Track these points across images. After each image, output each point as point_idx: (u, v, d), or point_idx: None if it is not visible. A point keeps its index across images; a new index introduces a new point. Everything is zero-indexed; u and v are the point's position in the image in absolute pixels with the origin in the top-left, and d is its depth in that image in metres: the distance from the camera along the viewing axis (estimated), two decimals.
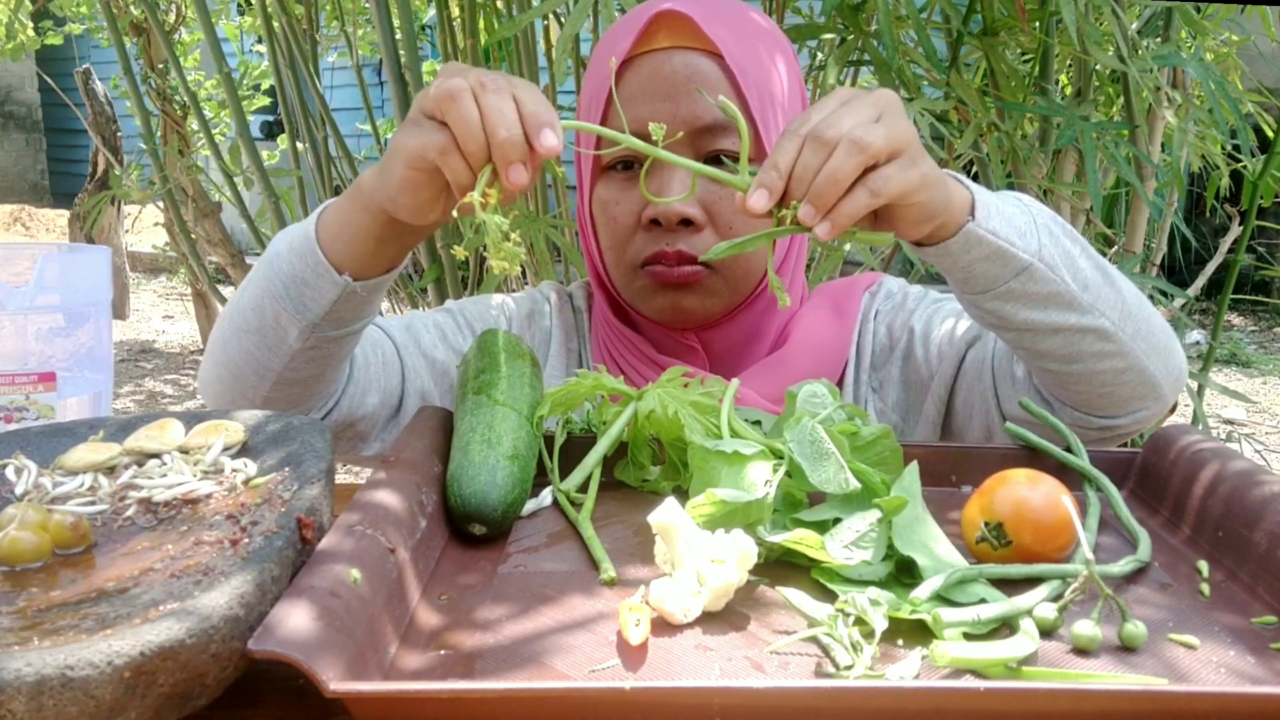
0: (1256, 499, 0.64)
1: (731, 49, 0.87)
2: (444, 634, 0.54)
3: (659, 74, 0.87)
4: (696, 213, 0.87)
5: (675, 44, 0.87)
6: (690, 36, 0.87)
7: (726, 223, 0.88)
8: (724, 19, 0.89)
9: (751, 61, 0.88)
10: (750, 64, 0.88)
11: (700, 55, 0.87)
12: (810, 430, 0.65)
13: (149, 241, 7.33)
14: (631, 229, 0.90)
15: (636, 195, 0.89)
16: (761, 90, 0.88)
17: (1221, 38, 1.95)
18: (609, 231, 0.92)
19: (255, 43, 3.58)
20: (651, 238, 0.89)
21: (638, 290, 0.93)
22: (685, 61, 0.87)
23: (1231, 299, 1.84)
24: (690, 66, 0.86)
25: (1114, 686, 0.47)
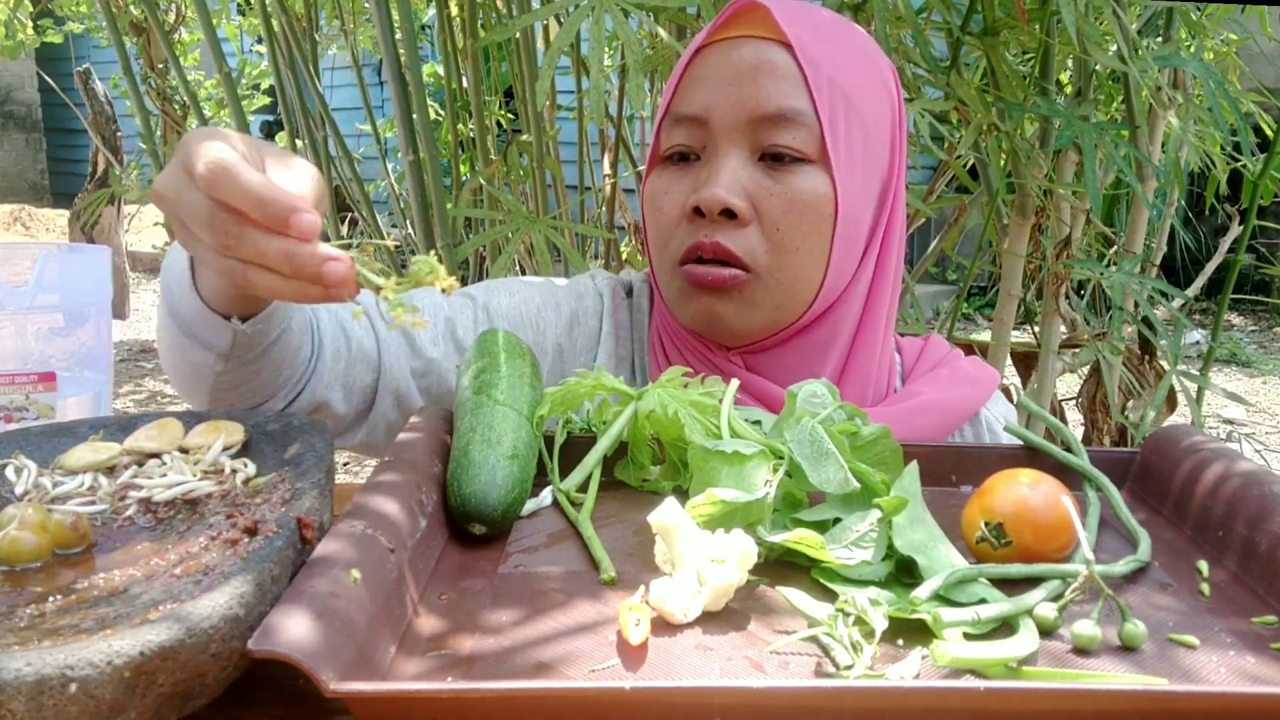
0: (1257, 499, 0.64)
1: (806, 42, 0.83)
2: (444, 634, 0.54)
3: (728, 60, 0.84)
4: (742, 205, 0.82)
5: (750, 33, 0.84)
6: (766, 27, 0.84)
7: (774, 223, 0.83)
8: (807, 17, 0.86)
9: (827, 58, 0.84)
10: (825, 60, 0.83)
11: (773, 45, 0.83)
12: (810, 430, 0.65)
13: (149, 241, 7.33)
14: (676, 220, 0.86)
15: (686, 185, 0.85)
16: (833, 87, 0.83)
17: (1221, 37, 1.95)
18: (655, 224, 0.88)
19: (255, 42, 3.59)
20: (693, 229, 0.84)
21: (676, 293, 0.88)
22: (756, 49, 0.83)
23: (1231, 299, 1.84)
24: (760, 54, 0.83)
25: (1114, 686, 0.47)
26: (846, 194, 0.84)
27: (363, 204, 2.32)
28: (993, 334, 1.82)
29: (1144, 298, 1.68)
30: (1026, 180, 1.64)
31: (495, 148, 2.06)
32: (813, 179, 0.83)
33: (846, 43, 0.86)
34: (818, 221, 0.83)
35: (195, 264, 0.73)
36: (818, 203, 0.83)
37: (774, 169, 0.83)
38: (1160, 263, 2.11)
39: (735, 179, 0.82)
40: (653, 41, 1.59)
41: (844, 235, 0.85)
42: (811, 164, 0.83)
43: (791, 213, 0.83)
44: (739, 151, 0.83)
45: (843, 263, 0.86)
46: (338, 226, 2.25)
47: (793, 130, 0.82)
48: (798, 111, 0.82)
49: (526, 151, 1.89)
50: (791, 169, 0.83)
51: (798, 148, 0.82)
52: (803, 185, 0.83)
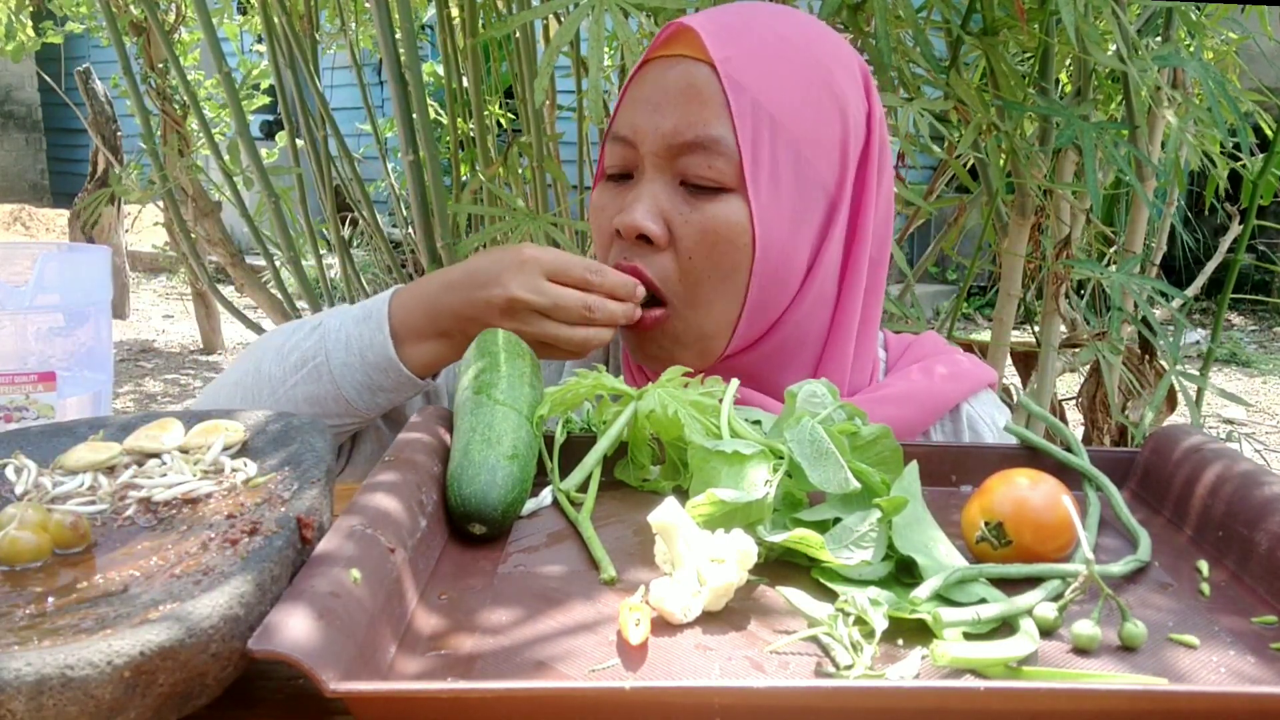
0: (1258, 499, 0.64)
1: (735, 65, 0.81)
2: (444, 634, 0.54)
3: (659, 82, 0.83)
4: (657, 230, 0.82)
5: (684, 53, 0.83)
6: (698, 47, 0.82)
7: (687, 251, 0.82)
8: (744, 36, 0.83)
9: (756, 80, 0.81)
10: (753, 83, 0.81)
11: (702, 67, 0.81)
12: (810, 430, 0.65)
13: (149, 241, 7.34)
14: (610, 237, 0.87)
15: (616, 205, 0.85)
16: (758, 112, 0.81)
17: (1221, 37, 1.95)
18: (595, 237, 0.90)
19: (255, 42, 3.58)
20: (618, 249, 0.85)
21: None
22: (684, 71, 0.82)
23: (1231, 298, 1.84)
24: (687, 77, 0.81)
25: (1114, 686, 0.47)
26: (767, 223, 0.82)
27: (363, 204, 2.32)
28: (993, 334, 1.82)
29: (1144, 298, 1.68)
30: (1026, 180, 1.64)
31: (495, 148, 2.06)
32: (729, 208, 0.81)
33: (788, 58, 0.83)
34: (731, 251, 0.82)
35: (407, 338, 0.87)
36: (732, 233, 0.82)
37: (693, 196, 0.82)
38: (1160, 262, 2.11)
39: (654, 204, 0.82)
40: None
41: (767, 264, 0.83)
42: (730, 192, 0.82)
43: (704, 242, 0.82)
44: (662, 176, 0.83)
45: (768, 291, 0.84)
46: (338, 227, 2.24)
47: (710, 159, 0.81)
48: (715, 140, 0.80)
49: (526, 153, 1.89)
50: (709, 197, 0.82)
51: (714, 177, 0.81)
52: (718, 214, 0.81)
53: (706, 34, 0.81)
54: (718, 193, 0.82)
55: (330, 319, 0.89)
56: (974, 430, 0.95)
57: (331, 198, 2.20)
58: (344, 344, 0.87)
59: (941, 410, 0.92)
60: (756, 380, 0.88)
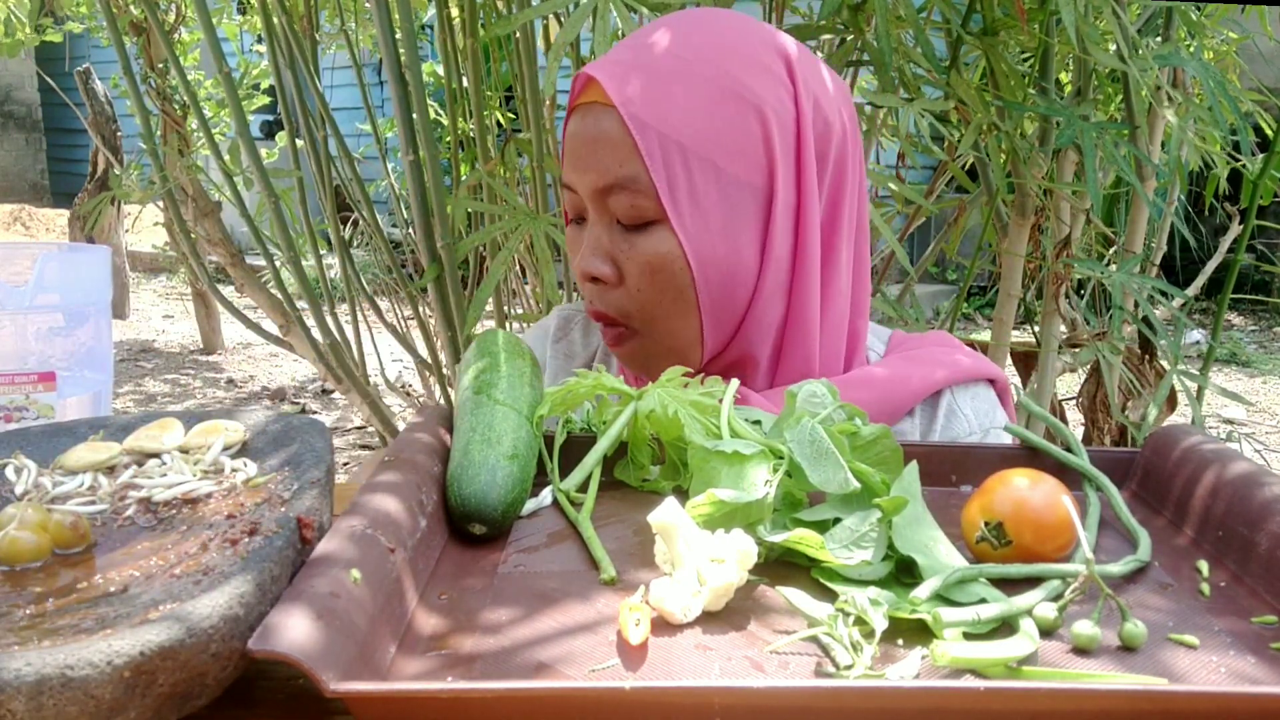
0: (1258, 500, 0.64)
1: (635, 105, 0.82)
2: (444, 634, 0.54)
3: (578, 131, 0.86)
4: (606, 270, 0.86)
5: (593, 100, 0.85)
6: (603, 94, 0.84)
7: (636, 285, 0.86)
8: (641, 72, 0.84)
9: (657, 115, 0.82)
10: (655, 118, 0.82)
11: (609, 112, 0.83)
12: (810, 430, 0.65)
13: (149, 241, 7.34)
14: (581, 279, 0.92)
15: (577, 247, 0.90)
16: (665, 144, 0.82)
17: (1221, 37, 1.95)
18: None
19: (255, 42, 3.58)
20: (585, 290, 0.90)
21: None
22: (594, 120, 0.85)
23: (1231, 298, 1.84)
24: (597, 125, 0.84)
25: (1114, 686, 0.47)
26: (697, 242, 0.84)
27: (363, 204, 2.32)
28: (993, 334, 1.82)
29: (1144, 297, 1.68)
30: (1026, 180, 1.64)
31: (495, 147, 2.06)
32: (658, 239, 0.85)
33: (686, 83, 0.83)
34: (670, 277, 0.85)
35: None
36: (666, 260, 0.85)
37: (629, 233, 0.86)
38: (1160, 262, 2.11)
39: (599, 245, 0.86)
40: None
41: (711, 280, 0.85)
42: (657, 223, 0.85)
43: (646, 273, 0.86)
44: (601, 218, 0.87)
45: (721, 301, 0.87)
46: (338, 227, 2.24)
47: (632, 197, 0.84)
48: (631, 179, 0.83)
49: (526, 151, 1.89)
50: (642, 232, 0.85)
51: (639, 214, 0.84)
52: (650, 247, 0.85)
53: (605, 79, 0.84)
54: (647, 226, 0.85)
55: None
56: (948, 421, 0.94)
57: (331, 198, 2.19)
58: None
59: (915, 396, 0.93)
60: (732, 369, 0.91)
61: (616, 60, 0.86)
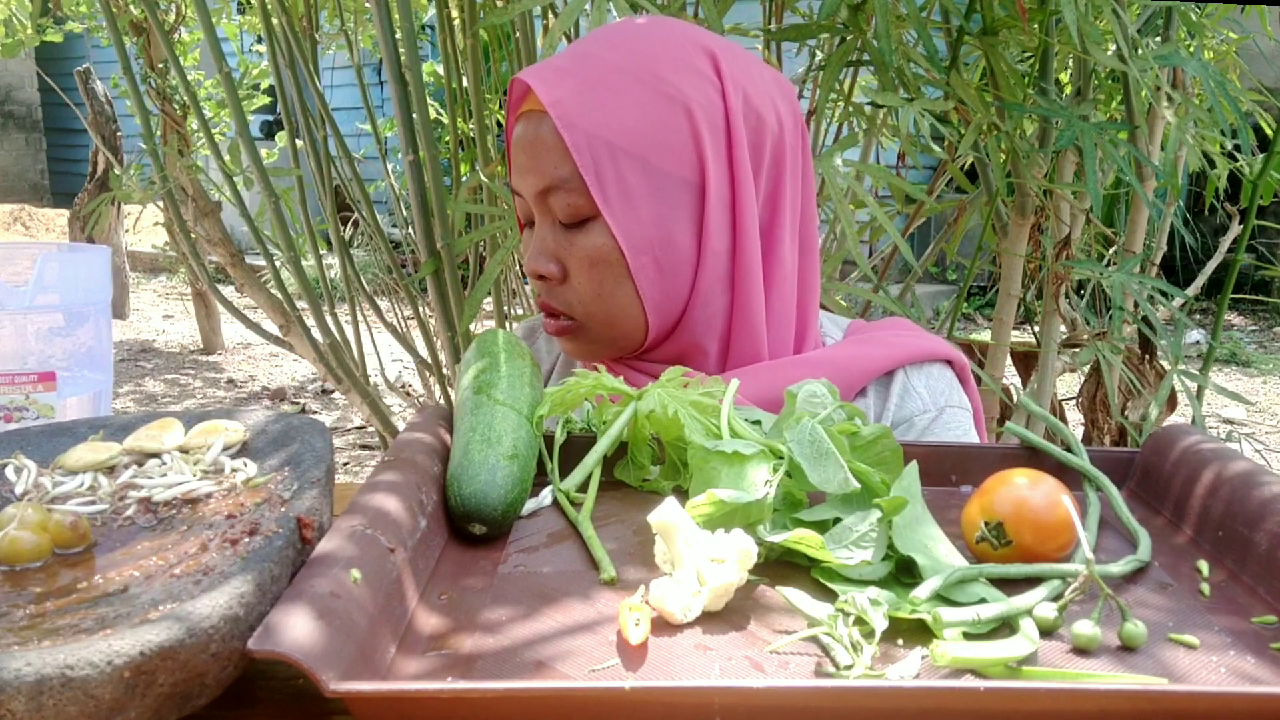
0: (1258, 499, 0.64)
1: (565, 107, 0.85)
2: (444, 634, 0.54)
3: (518, 141, 0.90)
4: (551, 268, 0.90)
5: (530, 108, 0.89)
6: (535, 99, 0.88)
7: (578, 279, 0.90)
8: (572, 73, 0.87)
9: (585, 115, 0.86)
10: (583, 117, 0.85)
11: (542, 117, 0.87)
12: (810, 430, 0.65)
13: (149, 241, 7.34)
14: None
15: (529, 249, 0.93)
16: (594, 142, 0.85)
17: (1221, 37, 1.95)
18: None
19: (255, 42, 3.58)
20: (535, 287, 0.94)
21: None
22: (529, 125, 0.89)
23: (1231, 298, 1.84)
24: (533, 130, 0.88)
25: (1114, 686, 0.47)
26: (630, 235, 0.88)
27: (363, 204, 2.32)
28: (993, 334, 1.82)
29: (1144, 297, 1.68)
30: (1026, 180, 1.64)
31: (496, 147, 2.06)
32: (594, 234, 0.88)
33: (617, 84, 0.87)
34: (610, 269, 0.89)
35: None
36: (603, 253, 0.88)
37: (568, 231, 0.90)
38: (1160, 262, 2.10)
39: (545, 245, 0.91)
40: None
41: (646, 269, 0.89)
42: (593, 219, 0.89)
43: (586, 268, 0.89)
44: (545, 219, 0.91)
45: (660, 289, 0.90)
46: (338, 227, 2.24)
47: (566, 196, 0.87)
48: (564, 179, 0.87)
49: None
50: (580, 229, 0.89)
51: (574, 211, 0.88)
52: (587, 242, 0.89)
53: (537, 84, 0.87)
54: (584, 223, 0.89)
55: None
56: (902, 400, 0.95)
57: (331, 198, 2.19)
58: None
59: (867, 375, 0.94)
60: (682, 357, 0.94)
61: (551, 67, 0.89)
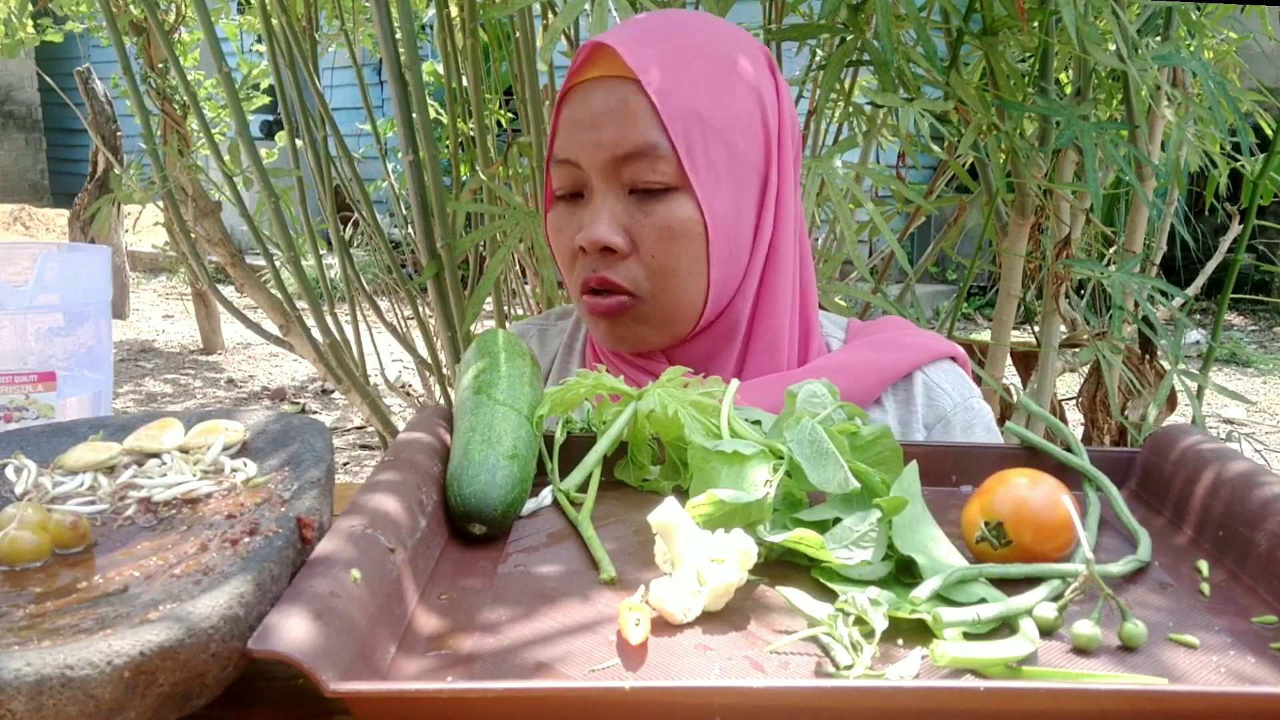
0: (1258, 499, 0.64)
1: (654, 75, 0.85)
2: (444, 634, 0.54)
3: (587, 104, 0.88)
4: (619, 240, 0.87)
5: (605, 74, 0.87)
6: (617, 65, 0.87)
7: (649, 251, 0.88)
8: (657, 46, 0.87)
9: (677, 86, 0.86)
10: (675, 88, 0.86)
11: (626, 83, 0.86)
12: (810, 430, 0.65)
13: (149, 241, 7.34)
14: (572, 254, 0.92)
15: (574, 224, 0.90)
16: (687, 114, 0.86)
17: (1221, 36, 1.95)
18: (558, 256, 0.95)
19: (255, 42, 3.58)
20: (584, 263, 0.90)
21: (584, 316, 0.94)
22: (609, 90, 0.87)
23: (1231, 298, 1.84)
24: (614, 95, 0.87)
25: (1114, 686, 0.47)
26: (714, 211, 0.88)
27: (363, 204, 2.32)
28: (993, 334, 1.82)
29: (1144, 297, 1.68)
30: (1026, 180, 1.64)
31: (496, 147, 2.06)
32: (679, 206, 0.87)
33: (700, 61, 0.88)
34: (689, 243, 0.88)
35: None
36: (686, 226, 0.87)
37: (643, 201, 0.88)
38: (1160, 262, 2.10)
39: (611, 216, 0.88)
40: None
41: (721, 247, 0.89)
42: (676, 191, 0.87)
43: (663, 240, 0.87)
44: (611, 189, 0.88)
45: (726, 269, 0.90)
46: (338, 227, 2.24)
47: (652, 164, 0.86)
48: (653, 146, 0.86)
49: (526, 153, 1.89)
50: (659, 199, 0.87)
51: (659, 180, 0.86)
52: (670, 213, 0.87)
53: (624, 51, 0.86)
54: (665, 193, 0.87)
55: None
56: (930, 397, 0.96)
57: (331, 198, 2.19)
58: None
59: (885, 380, 0.95)
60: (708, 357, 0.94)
61: (630, 36, 0.88)
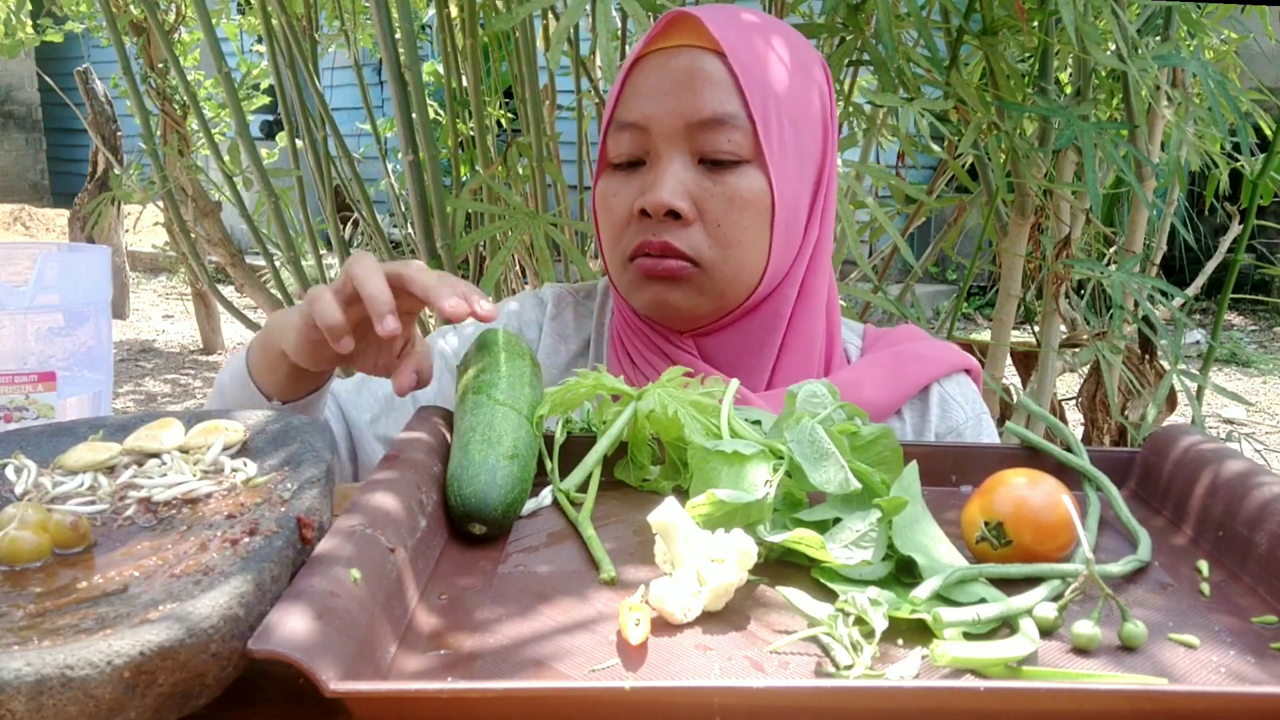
0: (1257, 499, 0.64)
1: (737, 48, 0.87)
2: (444, 634, 0.54)
3: (665, 69, 0.88)
4: (685, 206, 0.87)
5: (684, 42, 0.89)
6: (699, 36, 0.88)
7: (715, 220, 0.88)
8: (738, 23, 0.90)
9: (757, 62, 0.88)
10: (755, 64, 0.88)
11: (707, 53, 0.87)
12: (810, 430, 0.65)
13: (149, 241, 7.34)
14: (625, 220, 0.91)
15: (633, 189, 0.90)
16: (765, 90, 0.87)
17: (1221, 36, 1.95)
18: (607, 223, 0.93)
19: (255, 42, 3.58)
20: (642, 229, 0.89)
21: (628, 283, 0.93)
22: (690, 58, 0.88)
23: (1231, 298, 1.84)
24: (695, 63, 0.87)
25: (1114, 686, 0.47)
26: (782, 188, 0.89)
27: (363, 204, 2.32)
28: (993, 334, 1.82)
29: (1144, 297, 1.68)
30: (1026, 180, 1.64)
31: (495, 147, 2.06)
32: (750, 178, 0.88)
33: (776, 45, 0.90)
34: (756, 216, 0.88)
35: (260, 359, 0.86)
36: (756, 199, 0.88)
37: (713, 171, 0.88)
38: (1160, 262, 2.10)
39: (678, 182, 0.87)
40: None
41: (783, 225, 0.90)
42: (748, 163, 0.88)
43: (732, 210, 0.88)
44: (680, 155, 0.88)
45: (783, 250, 0.91)
46: (338, 227, 2.24)
47: (728, 134, 0.87)
48: (732, 116, 0.87)
49: (526, 153, 1.89)
50: (729, 170, 0.88)
51: (733, 150, 0.87)
52: (740, 184, 0.88)
53: (710, 21, 0.88)
54: (737, 165, 0.88)
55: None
56: (944, 409, 0.98)
57: (331, 198, 2.19)
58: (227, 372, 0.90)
59: (908, 393, 0.97)
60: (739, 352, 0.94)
61: (708, 12, 0.89)
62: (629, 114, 0.90)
